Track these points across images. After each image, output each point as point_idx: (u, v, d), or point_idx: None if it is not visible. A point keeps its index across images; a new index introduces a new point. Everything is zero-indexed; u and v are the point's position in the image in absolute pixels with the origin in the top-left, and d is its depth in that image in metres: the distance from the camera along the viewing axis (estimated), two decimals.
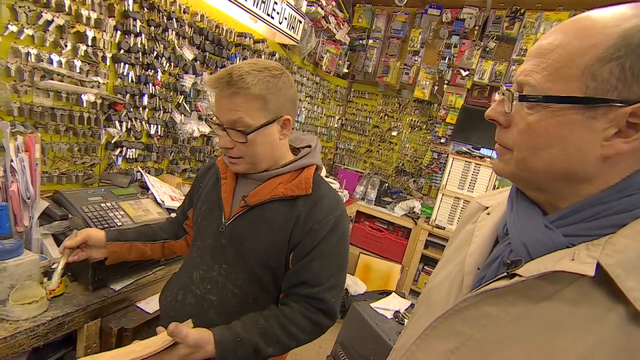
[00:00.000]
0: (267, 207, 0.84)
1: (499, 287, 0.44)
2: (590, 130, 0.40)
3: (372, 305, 1.92)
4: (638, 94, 0.37)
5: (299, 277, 0.82)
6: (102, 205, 1.24)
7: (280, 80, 0.80)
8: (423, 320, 0.56)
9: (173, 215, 1.33)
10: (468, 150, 2.83)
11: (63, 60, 1.26)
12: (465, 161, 2.77)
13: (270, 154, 0.85)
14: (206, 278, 0.87)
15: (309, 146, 0.93)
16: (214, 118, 0.84)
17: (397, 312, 1.87)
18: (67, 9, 1.23)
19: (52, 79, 1.24)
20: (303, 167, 0.88)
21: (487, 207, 0.60)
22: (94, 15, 1.32)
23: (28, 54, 1.17)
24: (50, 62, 1.23)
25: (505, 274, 0.45)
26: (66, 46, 1.26)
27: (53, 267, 0.99)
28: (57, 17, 1.22)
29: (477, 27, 2.86)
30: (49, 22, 1.20)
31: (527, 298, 0.43)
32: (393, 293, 2.12)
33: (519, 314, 0.43)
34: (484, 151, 2.84)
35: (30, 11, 1.16)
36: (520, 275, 0.42)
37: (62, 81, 1.27)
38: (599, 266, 0.38)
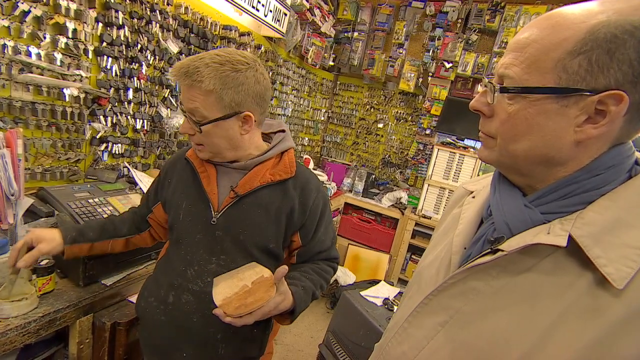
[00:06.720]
0: (259, 193, 0.86)
1: (484, 262, 0.48)
2: (564, 118, 0.43)
3: (362, 293, 1.96)
4: (603, 84, 0.41)
5: (314, 250, 0.95)
6: (90, 201, 1.22)
7: (243, 75, 0.78)
8: (414, 298, 0.59)
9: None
10: (452, 141, 2.89)
11: (42, 53, 1.22)
12: (450, 152, 2.83)
13: (233, 147, 0.85)
14: (204, 272, 0.86)
15: (282, 130, 0.96)
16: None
17: (387, 299, 1.93)
18: (44, 0, 1.19)
19: (32, 72, 1.20)
20: (282, 151, 0.92)
21: (473, 192, 0.64)
22: (73, 6, 1.28)
23: (4, 46, 1.12)
24: (29, 54, 1.19)
25: (489, 250, 0.48)
26: (45, 38, 1.22)
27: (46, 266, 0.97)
28: (35, 8, 1.18)
29: (459, 20, 2.91)
30: (25, 13, 1.16)
31: (508, 272, 0.47)
32: (382, 282, 2.17)
33: (502, 286, 0.47)
34: (468, 142, 2.91)
35: (5, 1, 1.11)
36: (502, 250, 0.46)
37: (42, 74, 1.23)
38: (570, 238, 0.42)
